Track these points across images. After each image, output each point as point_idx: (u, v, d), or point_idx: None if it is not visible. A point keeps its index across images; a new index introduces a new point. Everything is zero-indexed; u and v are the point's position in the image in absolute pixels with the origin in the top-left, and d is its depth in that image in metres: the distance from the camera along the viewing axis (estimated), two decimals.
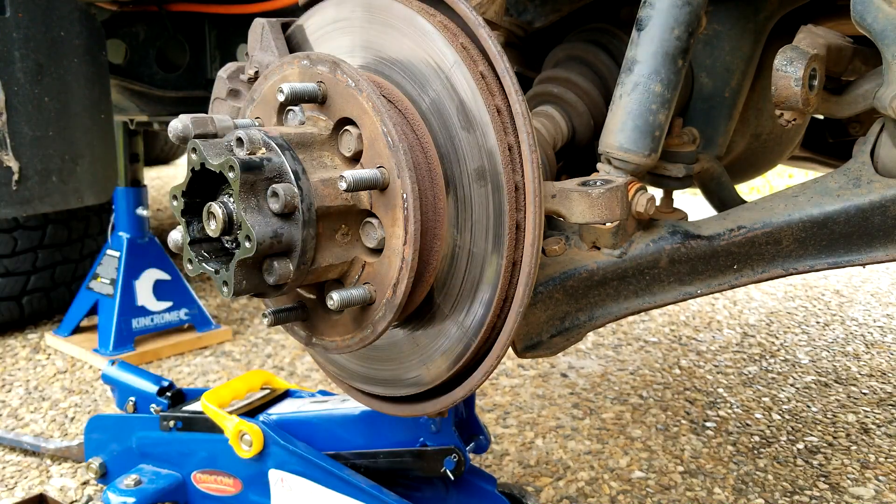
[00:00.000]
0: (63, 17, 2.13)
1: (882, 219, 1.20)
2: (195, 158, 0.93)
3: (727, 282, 1.32)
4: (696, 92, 1.56)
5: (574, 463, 2.37)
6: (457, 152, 1.01)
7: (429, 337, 1.11)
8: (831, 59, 1.22)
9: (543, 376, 3.02)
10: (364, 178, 0.94)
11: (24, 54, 2.03)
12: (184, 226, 0.98)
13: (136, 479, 1.87)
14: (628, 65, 1.25)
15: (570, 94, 1.52)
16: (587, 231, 1.32)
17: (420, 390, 1.16)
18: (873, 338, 3.53)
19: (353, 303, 0.99)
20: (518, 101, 0.97)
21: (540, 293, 1.27)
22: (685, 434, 2.56)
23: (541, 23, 1.60)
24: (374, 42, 1.08)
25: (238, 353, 3.28)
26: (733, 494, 2.21)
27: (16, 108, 2.01)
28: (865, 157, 1.25)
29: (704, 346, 3.41)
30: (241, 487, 1.84)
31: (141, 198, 3.34)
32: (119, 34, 2.72)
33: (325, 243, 0.98)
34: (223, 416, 1.80)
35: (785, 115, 1.20)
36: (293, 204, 0.92)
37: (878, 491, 2.24)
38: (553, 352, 1.31)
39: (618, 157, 1.24)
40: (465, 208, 1.02)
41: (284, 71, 1.05)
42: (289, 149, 0.95)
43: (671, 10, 1.21)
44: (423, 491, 1.78)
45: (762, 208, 1.30)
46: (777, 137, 1.78)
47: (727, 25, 1.50)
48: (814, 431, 2.60)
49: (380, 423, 1.76)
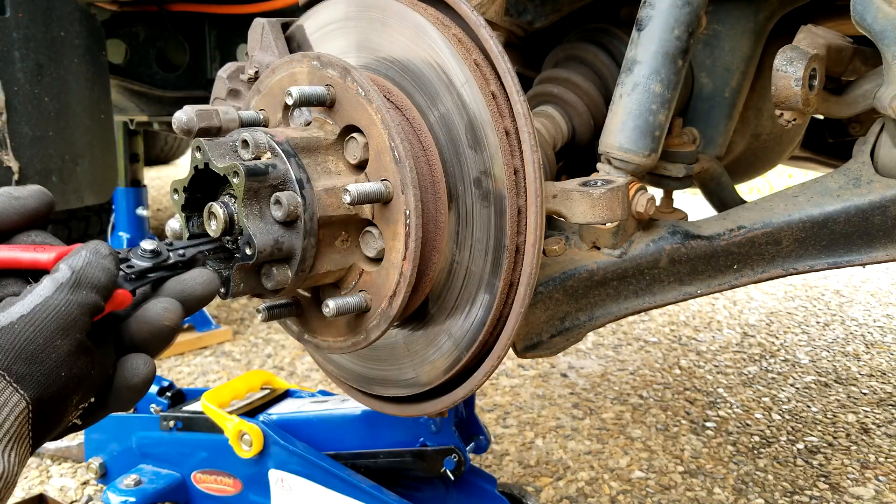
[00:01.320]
0: (63, 17, 2.13)
1: (882, 219, 1.20)
2: (199, 157, 0.93)
3: (727, 282, 1.32)
4: (696, 92, 1.56)
5: (574, 463, 2.37)
6: (462, 169, 1.01)
7: (421, 344, 1.11)
8: (831, 59, 1.22)
9: (543, 376, 3.02)
10: (368, 191, 0.94)
11: (24, 54, 2.03)
12: (183, 221, 0.98)
13: (136, 479, 1.87)
14: (628, 65, 1.25)
15: (570, 94, 1.52)
16: (587, 231, 1.32)
17: (417, 391, 1.16)
18: (873, 338, 3.54)
19: (349, 311, 1.00)
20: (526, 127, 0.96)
21: (540, 293, 1.27)
22: (685, 434, 2.56)
23: (541, 23, 1.60)
24: (380, 45, 1.07)
25: (238, 353, 3.28)
26: (733, 494, 2.21)
27: (16, 108, 2.01)
28: (865, 157, 1.25)
29: (704, 346, 3.41)
30: (241, 487, 1.84)
31: (141, 198, 3.34)
32: (119, 34, 2.72)
33: (324, 250, 0.98)
34: (223, 416, 1.80)
35: (785, 115, 1.20)
36: (296, 213, 0.91)
37: (878, 491, 2.24)
38: (553, 352, 1.31)
39: (618, 157, 1.24)
40: (466, 225, 1.02)
41: (293, 68, 1.05)
42: (294, 155, 0.94)
43: (671, 10, 1.21)
44: (423, 491, 1.78)
45: (762, 208, 1.30)
46: (777, 137, 1.78)
47: (727, 25, 1.50)
48: (814, 431, 2.60)
49: (380, 423, 1.76)
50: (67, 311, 0.70)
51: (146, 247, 0.86)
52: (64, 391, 0.70)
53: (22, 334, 0.68)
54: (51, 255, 0.77)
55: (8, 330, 0.68)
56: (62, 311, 0.70)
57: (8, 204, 0.79)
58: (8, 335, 0.67)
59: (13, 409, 0.66)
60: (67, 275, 0.72)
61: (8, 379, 0.66)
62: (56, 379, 0.69)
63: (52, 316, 0.69)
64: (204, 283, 0.84)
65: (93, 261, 0.74)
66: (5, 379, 0.66)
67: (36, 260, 0.77)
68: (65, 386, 0.70)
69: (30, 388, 0.67)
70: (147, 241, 0.87)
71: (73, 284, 0.71)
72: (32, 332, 0.68)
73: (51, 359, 0.69)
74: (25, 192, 0.81)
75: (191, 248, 0.90)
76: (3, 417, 0.66)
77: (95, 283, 0.73)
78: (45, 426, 0.71)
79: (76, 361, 0.71)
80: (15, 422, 0.67)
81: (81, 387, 0.73)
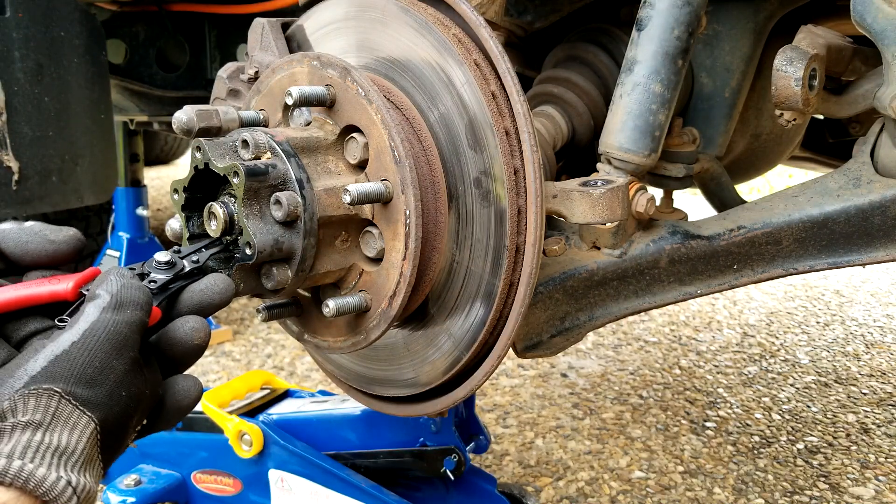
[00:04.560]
0: (63, 17, 2.13)
1: (882, 219, 1.20)
2: (199, 157, 0.93)
3: (727, 282, 1.32)
4: (696, 92, 1.56)
5: (574, 463, 2.37)
6: (462, 169, 1.01)
7: (421, 344, 1.11)
8: (831, 59, 1.22)
9: (543, 376, 3.02)
10: (368, 191, 0.94)
11: (24, 54, 2.03)
12: (183, 221, 0.98)
13: (136, 479, 1.87)
14: (628, 65, 1.25)
15: (570, 94, 1.52)
16: (587, 231, 1.32)
17: (417, 391, 1.16)
18: (873, 338, 3.53)
19: (349, 311, 1.00)
20: (526, 127, 0.96)
21: (540, 293, 1.27)
22: (685, 434, 2.56)
23: (541, 23, 1.59)
24: (380, 45, 1.07)
25: (238, 353, 3.28)
26: (733, 494, 2.21)
27: (16, 108, 2.01)
28: (865, 157, 1.25)
29: (704, 346, 3.41)
30: (241, 487, 1.84)
31: (141, 198, 3.34)
32: (119, 34, 2.72)
33: (324, 250, 0.98)
34: (223, 416, 1.80)
35: (785, 115, 1.20)
36: (296, 213, 0.91)
37: (878, 491, 2.24)
38: (553, 352, 1.31)
39: (618, 157, 1.24)
40: (466, 225, 1.02)
41: (293, 68, 1.05)
42: (294, 155, 0.94)
43: (671, 10, 1.21)
44: (423, 491, 1.78)
45: (762, 208, 1.30)
46: (777, 137, 1.78)
47: (727, 25, 1.50)
48: (814, 431, 2.60)
49: (380, 423, 1.76)
50: (117, 330, 0.71)
51: (161, 259, 0.86)
52: (127, 411, 0.71)
53: (78, 359, 0.69)
54: (68, 285, 0.77)
55: (63, 357, 0.68)
56: (112, 331, 0.71)
57: (42, 248, 0.80)
58: (64, 362, 0.68)
59: (84, 431, 0.67)
60: (108, 298, 0.73)
61: (74, 403, 0.67)
62: (118, 399, 0.70)
63: (104, 337, 0.70)
64: (221, 291, 0.85)
65: (125, 282, 0.75)
66: (71, 403, 0.67)
67: (55, 292, 0.77)
68: (127, 405, 0.71)
69: (95, 410, 0.68)
70: (160, 254, 0.87)
71: (115, 306, 0.72)
72: (88, 356, 0.69)
73: (110, 380, 0.70)
74: (62, 237, 0.81)
75: (202, 253, 0.91)
76: (77, 440, 0.66)
77: (136, 300, 0.74)
78: (112, 447, 0.72)
79: (133, 380, 0.72)
80: (87, 444, 0.67)
81: (140, 407, 0.74)
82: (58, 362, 0.68)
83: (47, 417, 0.65)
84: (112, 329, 0.71)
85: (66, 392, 0.67)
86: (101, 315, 0.71)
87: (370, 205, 0.97)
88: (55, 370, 0.67)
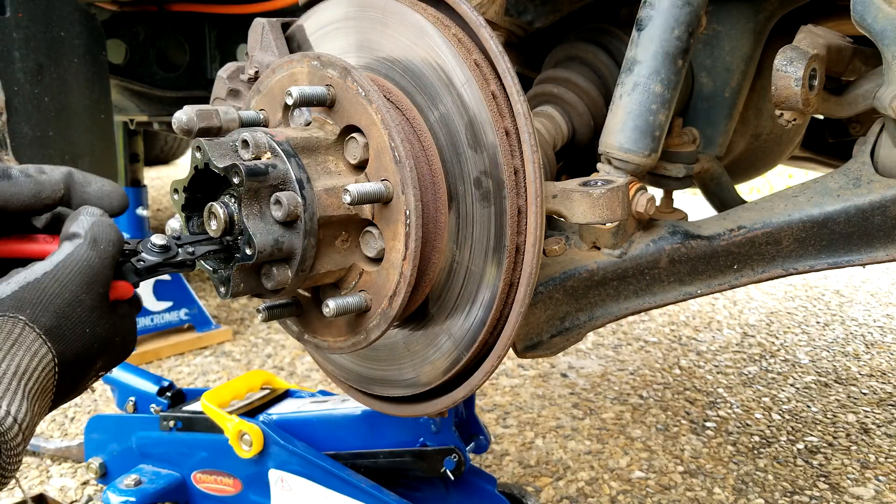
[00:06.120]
0: (63, 17, 2.13)
1: (882, 219, 1.20)
2: (199, 157, 0.93)
3: (727, 282, 1.32)
4: (696, 92, 1.56)
5: (574, 463, 2.37)
6: (462, 169, 1.01)
7: (421, 344, 1.11)
8: (831, 59, 1.22)
9: (543, 376, 3.02)
10: (368, 191, 0.94)
11: (24, 54, 2.03)
12: (183, 221, 0.98)
13: (136, 479, 1.87)
14: (628, 65, 1.25)
15: (570, 94, 1.52)
16: (587, 231, 1.32)
17: (417, 391, 1.16)
18: (873, 338, 3.54)
19: (349, 311, 1.00)
20: (526, 127, 0.96)
21: (540, 293, 1.27)
22: (685, 434, 2.56)
23: (541, 23, 1.59)
24: (380, 45, 1.07)
25: (238, 353, 3.28)
26: (733, 494, 2.21)
27: (16, 108, 2.01)
28: (865, 157, 1.25)
29: (704, 346, 3.41)
30: (241, 487, 1.84)
31: (141, 198, 3.34)
32: (119, 34, 2.73)
33: (324, 250, 0.98)
34: (223, 416, 1.80)
35: (785, 115, 1.20)
36: (296, 213, 0.91)
37: (878, 491, 2.24)
38: (553, 352, 1.31)
39: (618, 157, 1.24)
40: (466, 225, 1.02)
41: (293, 68, 1.05)
42: (294, 156, 0.94)
43: (671, 10, 1.21)
44: (423, 491, 1.78)
45: (762, 208, 1.30)
46: (777, 137, 1.78)
47: (727, 25, 1.50)
48: (814, 431, 2.60)
49: (380, 423, 1.76)
50: (90, 264, 0.73)
51: (157, 241, 0.86)
52: (89, 350, 0.73)
53: (48, 289, 0.70)
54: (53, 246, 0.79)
55: (34, 285, 0.70)
56: (84, 265, 0.73)
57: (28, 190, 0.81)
58: (34, 290, 0.70)
59: (41, 361, 0.69)
60: (82, 234, 0.75)
61: (38, 331, 0.68)
62: (81, 335, 0.72)
63: (76, 270, 0.72)
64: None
65: (97, 220, 0.77)
66: (35, 331, 0.68)
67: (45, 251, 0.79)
68: (90, 344, 0.73)
69: (57, 341, 0.70)
70: (157, 236, 0.87)
71: (90, 242, 0.75)
72: (58, 287, 0.71)
73: (76, 313, 0.72)
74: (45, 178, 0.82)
75: (200, 245, 0.91)
76: (32, 368, 0.68)
77: (108, 237, 0.76)
78: (69, 383, 0.73)
79: (99, 320, 0.74)
80: (42, 373, 0.68)
81: (105, 352, 0.76)
82: (28, 289, 0.70)
83: (7, 343, 0.67)
84: (84, 263, 0.73)
85: (30, 319, 0.69)
86: (75, 249, 0.74)
87: (370, 205, 0.97)
88: (24, 296, 0.69)
